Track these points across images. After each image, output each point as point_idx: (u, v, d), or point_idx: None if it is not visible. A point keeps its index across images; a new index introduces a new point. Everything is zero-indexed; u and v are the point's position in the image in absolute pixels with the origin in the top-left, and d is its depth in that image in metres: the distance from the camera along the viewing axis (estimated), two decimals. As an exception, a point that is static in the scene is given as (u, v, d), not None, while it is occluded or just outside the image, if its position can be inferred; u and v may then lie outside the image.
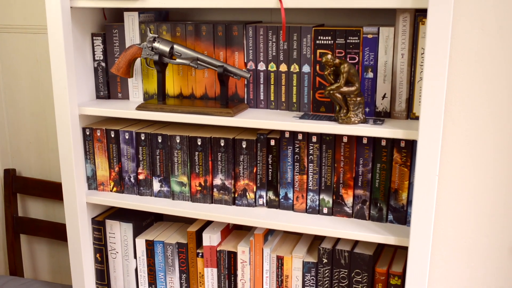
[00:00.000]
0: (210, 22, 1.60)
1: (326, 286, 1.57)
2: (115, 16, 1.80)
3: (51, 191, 2.14)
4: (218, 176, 1.61)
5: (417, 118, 1.43)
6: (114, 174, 1.73)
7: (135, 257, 1.79)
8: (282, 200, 1.58)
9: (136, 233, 1.78)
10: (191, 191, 1.65)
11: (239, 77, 1.54)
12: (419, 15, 1.37)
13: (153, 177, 1.69)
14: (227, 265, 1.68)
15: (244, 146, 1.57)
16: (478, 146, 1.53)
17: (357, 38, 1.44)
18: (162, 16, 1.77)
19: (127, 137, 1.68)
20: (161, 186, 1.69)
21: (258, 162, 1.57)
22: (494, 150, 1.52)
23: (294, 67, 1.52)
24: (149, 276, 1.79)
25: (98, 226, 1.78)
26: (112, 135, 1.70)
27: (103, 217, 1.79)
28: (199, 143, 1.60)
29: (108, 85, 1.75)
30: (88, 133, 1.71)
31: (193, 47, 1.61)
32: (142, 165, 1.69)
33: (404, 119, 1.46)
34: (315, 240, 1.69)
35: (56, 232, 2.16)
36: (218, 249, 1.68)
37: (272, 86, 1.56)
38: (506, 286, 1.60)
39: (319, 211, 1.55)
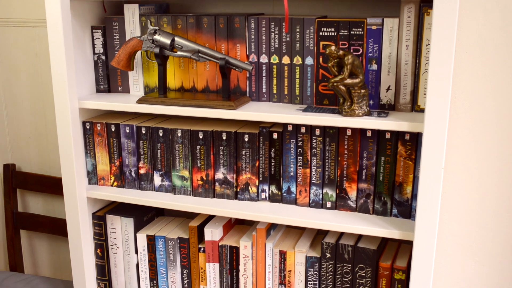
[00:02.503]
0: (211, 14, 1.58)
1: (329, 281, 1.55)
2: (115, 9, 1.78)
3: (51, 186, 2.13)
4: (220, 170, 1.59)
5: (422, 110, 1.41)
6: (115, 168, 1.71)
7: (136, 252, 1.77)
8: (285, 194, 1.56)
9: (137, 228, 1.76)
10: (193, 186, 1.63)
11: (241, 69, 1.51)
12: (424, 5, 1.35)
13: (154, 172, 1.67)
14: (229, 260, 1.66)
15: (246, 139, 1.55)
16: (484, 139, 1.52)
17: (361, 29, 1.42)
18: (162, 8, 1.75)
19: (127, 131, 1.66)
20: (162, 181, 1.67)
21: (261, 155, 1.55)
22: (499, 143, 1.51)
23: (297, 59, 1.50)
24: (150, 272, 1.77)
25: (99, 221, 1.76)
26: (113, 129, 1.68)
27: (103, 212, 1.77)
28: (201, 137, 1.58)
29: (109, 78, 1.73)
30: (88, 127, 1.69)
31: (194, 39, 1.59)
32: (143, 159, 1.67)
33: (409, 111, 1.44)
34: (318, 235, 1.67)
35: (56, 228, 2.15)
36: (220, 244, 1.66)
37: (274, 79, 1.54)
38: (511, 280, 1.58)
39: (322, 205, 1.53)
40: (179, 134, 1.60)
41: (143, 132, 1.65)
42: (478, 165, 1.54)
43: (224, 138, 1.56)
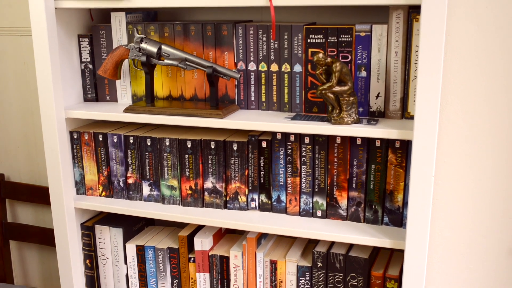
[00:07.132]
0: (199, 22, 1.56)
1: (321, 290, 1.53)
2: (102, 17, 1.76)
3: (40, 196, 2.10)
4: (209, 179, 1.57)
5: (412, 117, 1.39)
6: (103, 178, 1.69)
7: (126, 262, 1.75)
8: (274, 203, 1.54)
9: (126, 238, 1.74)
10: (182, 195, 1.61)
11: (229, 77, 1.50)
12: (413, 11, 1.33)
13: (143, 181, 1.65)
14: (220, 270, 1.64)
15: (235, 148, 1.53)
16: (475, 145, 1.50)
17: (349, 36, 1.41)
18: (150, 16, 1.73)
19: (115, 140, 1.64)
20: (150, 190, 1.65)
21: (250, 164, 1.53)
22: (491, 149, 1.49)
23: (286, 67, 1.49)
24: (140, 282, 1.75)
25: (88, 231, 1.74)
26: (100, 139, 1.65)
27: (92, 222, 1.75)
28: (189, 146, 1.56)
29: (96, 87, 1.71)
30: (75, 136, 1.67)
31: (181, 47, 1.57)
32: (131, 168, 1.65)
33: (399, 118, 1.42)
34: (309, 244, 1.65)
35: (46, 238, 2.12)
36: (210, 253, 1.64)
37: (263, 87, 1.52)
38: (505, 287, 1.57)
39: (312, 214, 1.51)
40: (167, 143, 1.58)
41: (131, 141, 1.63)
42: (469, 171, 1.53)
43: (212, 147, 1.55)
